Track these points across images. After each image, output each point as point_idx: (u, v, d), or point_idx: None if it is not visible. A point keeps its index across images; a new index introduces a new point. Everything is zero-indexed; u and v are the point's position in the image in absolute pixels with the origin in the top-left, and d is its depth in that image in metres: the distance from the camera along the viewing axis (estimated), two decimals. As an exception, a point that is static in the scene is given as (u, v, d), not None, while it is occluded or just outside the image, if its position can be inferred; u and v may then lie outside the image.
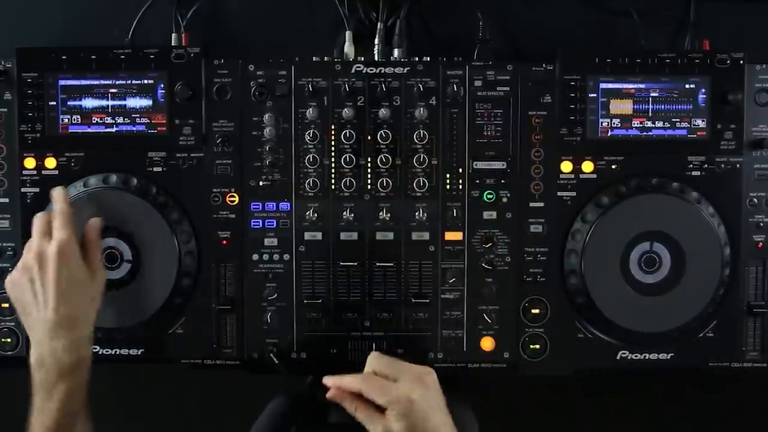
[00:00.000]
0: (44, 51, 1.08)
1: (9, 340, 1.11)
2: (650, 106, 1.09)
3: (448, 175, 1.09)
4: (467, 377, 1.12)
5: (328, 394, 0.93)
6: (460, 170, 1.09)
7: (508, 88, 1.09)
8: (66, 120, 1.08)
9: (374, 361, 0.93)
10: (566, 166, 1.09)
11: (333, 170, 1.09)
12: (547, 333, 1.10)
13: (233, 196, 1.09)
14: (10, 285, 0.97)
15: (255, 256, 1.10)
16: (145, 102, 1.08)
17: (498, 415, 1.35)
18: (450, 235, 1.09)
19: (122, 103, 1.08)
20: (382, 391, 0.89)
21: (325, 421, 1.25)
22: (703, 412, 1.40)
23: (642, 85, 1.08)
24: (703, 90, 1.08)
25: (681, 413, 1.41)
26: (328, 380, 0.93)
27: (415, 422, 0.87)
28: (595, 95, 1.08)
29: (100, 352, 1.09)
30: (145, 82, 1.08)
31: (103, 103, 1.08)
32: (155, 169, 1.09)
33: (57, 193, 1.00)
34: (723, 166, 1.09)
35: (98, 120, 1.09)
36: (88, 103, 1.08)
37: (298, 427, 1.17)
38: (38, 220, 0.98)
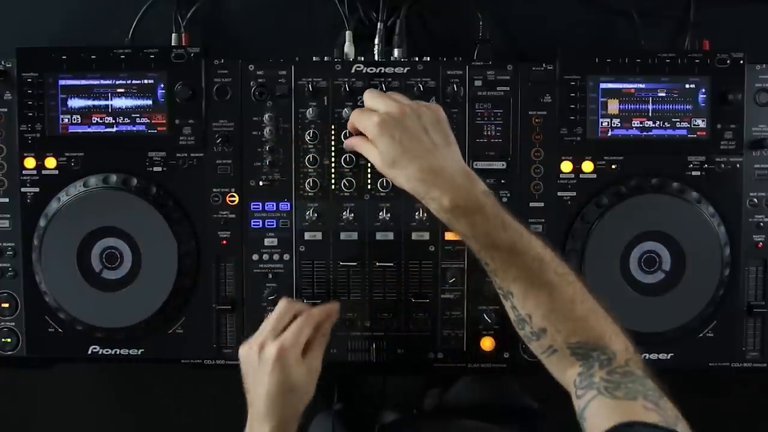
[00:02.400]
0: (44, 51, 1.08)
1: (9, 340, 1.10)
2: (650, 106, 1.09)
3: (448, 175, 1.09)
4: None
5: (345, 145, 0.99)
6: (460, 170, 1.09)
7: (508, 88, 1.09)
8: (66, 120, 1.08)
9: (365, 96, 0.95)
10: (566, 166, 1.09)
11: (333, 170, 1.09)
12: (547, 333, 1.10)
13: (233, 196, 1.09)
14: (240, 355, 0.95)
15: (255, 256, 1.10)
16: (145, 102, 1.08)
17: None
18: (450, 235, 1.09)
19: (122, 103, 1.08)
20: (360, 119, 0.91)
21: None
22: (703, 413, 1.40)
23: (642, 85, 1.08)
24: (703, 90, 1.08)
25: (681, 413, 1.41)
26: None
27: (395, 141, 0.87)
28: (595, 95, 1.08)
29: (100, 352, 1.09)
30: (145, 82, 1.08)
31: (103, 103, 1.08)
32: (155, 169, 1.08)
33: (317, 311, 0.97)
34: (723, 166, 1.09)
35: (98, 120, 1.09)
36: (88, 103, 1.08)
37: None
38: (276, 313, 0.96)
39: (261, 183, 1.09)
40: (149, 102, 1.08)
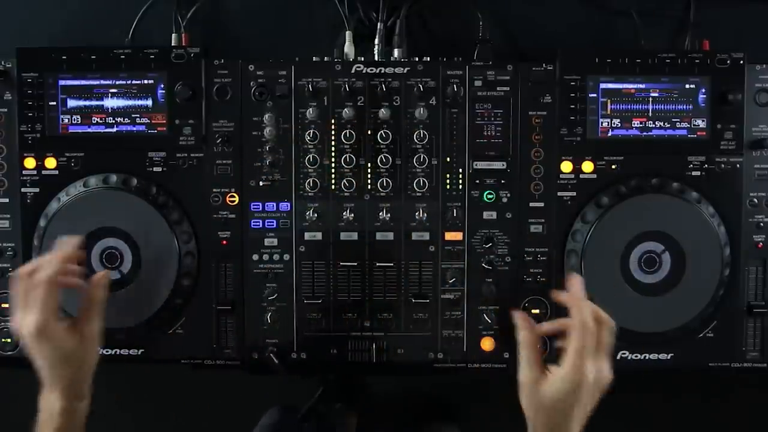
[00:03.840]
0: (44, 51, 1.08)
1: (9, 340, 1.11)
2: (650, 106, 1.09)
3: (448, 175, 1.09)
4: (467, 377, 1.12)
5: (520, 317, 0.92)
6: (460, 170, 1.09)
7: (508, 88, 1.09)
8: (66, 120, 1.08)
9: (601, 315, 0.88)
10: (566, 166, 1.09)
11: (333, 170, 1.09)
12: (547, 333, 1.10)
13: (233, 196, 1.09)
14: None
15: (255, 256, 1.10)
16: (145, 102, 1.08)
17: (498, 416, 1.35)
18: (450, 235, 1.09)
19: (122, 103, 1.08)
20: (581, 360, 0.85)
21: None
22: (703, 412, 1.40)
23: (642, 85, 1.08)
24: (703, 90, 1.08)
25: (681, 413, 1.41)
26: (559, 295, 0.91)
27: (570, 405, 0.84)
28: (595, 95, 1.08)
29: (100, 352, 1.09)
30: (145, 82, 1.08)
31: (103, 103, 1.08)
32: (155, 169, 1.09)
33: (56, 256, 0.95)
34: (723, 166, 1.09)
35: (98, 120, 1.09)
36: (88, 103, 1.08)
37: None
38: (18, 288, 0.93)
39: (261, 183, 1.09)
40: (149, 102, 1.08)
